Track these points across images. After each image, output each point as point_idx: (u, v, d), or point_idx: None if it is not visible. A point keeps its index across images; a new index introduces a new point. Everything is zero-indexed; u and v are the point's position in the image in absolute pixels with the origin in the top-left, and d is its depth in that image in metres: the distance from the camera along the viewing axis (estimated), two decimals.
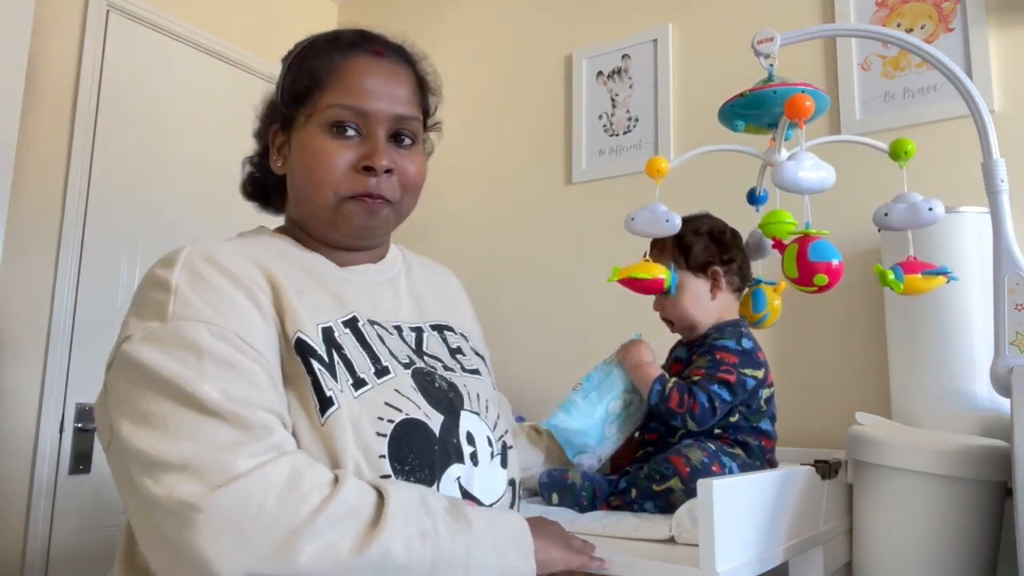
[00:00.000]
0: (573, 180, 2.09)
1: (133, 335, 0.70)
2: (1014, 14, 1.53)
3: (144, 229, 2.06)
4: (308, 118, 0.83)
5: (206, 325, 0.69)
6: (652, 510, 1.10)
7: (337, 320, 0.79)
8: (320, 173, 0.81)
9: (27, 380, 1.82)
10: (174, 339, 0.68)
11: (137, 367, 0.68)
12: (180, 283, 0.71)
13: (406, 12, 2.56)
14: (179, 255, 0.74)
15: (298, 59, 0.88)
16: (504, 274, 2.17)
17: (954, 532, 1.08)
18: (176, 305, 0.70)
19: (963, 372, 1.28)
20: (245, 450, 0.64)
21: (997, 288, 0.98)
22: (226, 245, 0.78)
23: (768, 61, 1.01)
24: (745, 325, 1.23)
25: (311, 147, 0.82)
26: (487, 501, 0.80)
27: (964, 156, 1.48)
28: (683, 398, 1.12)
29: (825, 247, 0.83)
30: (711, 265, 1.20)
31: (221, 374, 0.67)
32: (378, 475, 0.71)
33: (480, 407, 0.85)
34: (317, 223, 0.86)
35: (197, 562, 0.60)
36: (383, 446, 0.72)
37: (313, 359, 0.73)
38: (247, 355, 0.69)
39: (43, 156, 1.88)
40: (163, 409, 0.65)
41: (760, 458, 1.16)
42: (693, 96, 1.94)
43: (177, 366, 0.66)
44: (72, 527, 1.85)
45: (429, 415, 0.77)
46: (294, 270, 0.81)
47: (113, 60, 2.04)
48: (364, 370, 0.76)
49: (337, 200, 0.82)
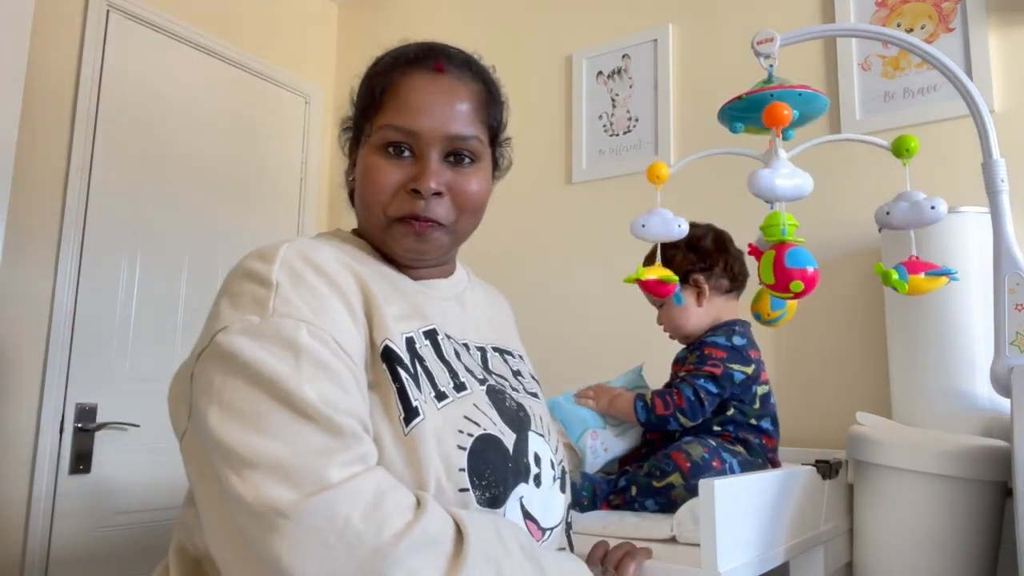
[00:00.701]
0: (573, 180, 2.09)
1: (230, 326, 0.67)
2: (1014, 14, 1.54)
3: (144, 229, 2.06)
4: (368, 137, 0.83)
5: (306, 325, 0.67)
6: (653, 508, 1.10)
7: (419, 331, 0.78)
8: (372, 193, 0.81)
9: (27, 380, 1.82)
10: (275, 336, 0.66)
11: (233, 358, 0.66)
12: (281, 280, 0.70)
13: (406, 13, 2.56)
14: (277, 251, 0.73)
15: (367, 76, 0.88)
16: (504, 274, 2.17)
17: (954, 532, 1.08)
18: (277, 301, 0.68)
19: (963, 372, 1.28)
20: (336, 458, 0.63)
21: (997, 288, 0.99)
22: (323, 246, 0.76)
23: (768, 61, 1.01)
24: (740, 325, 1.24)
25: (366, 166, 0.82)
26: (547, 524, 0.80)
27: (964, 156, 1.48)
28: (666, 400, 1.16)
29: (801, 254, 0.83)
30: (691, 273, 1.23)
31: (317, 376, 0.65)
32: (457, 488, 0.71)
33: (544, 430, 0.85)
34: (376, 242, 0.86)
35: (275, 568, 0.58)
36: (463, 459, 0.72)
37: (400, 367, 0.73)
38: (341, 359, 0.68)
39: (43, 156, 1.88)
40: (259, 406, 0.63)
41: (761, 456, 1.16)
42: (693, 96, 1.94)
43: (278, 364, 0.65)
44: (72, 527, 1.85)
45: (504, 432, 0.77)
46: (378, 277, 0.80)
47: (113, 60, 2.04)
48: (444, 383, 0.76)
49: (387, 221, 0.82)
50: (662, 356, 1.39)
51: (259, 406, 0.63)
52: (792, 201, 0.89)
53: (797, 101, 0.95)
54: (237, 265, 0.74)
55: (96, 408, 1.93)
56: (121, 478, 1.96)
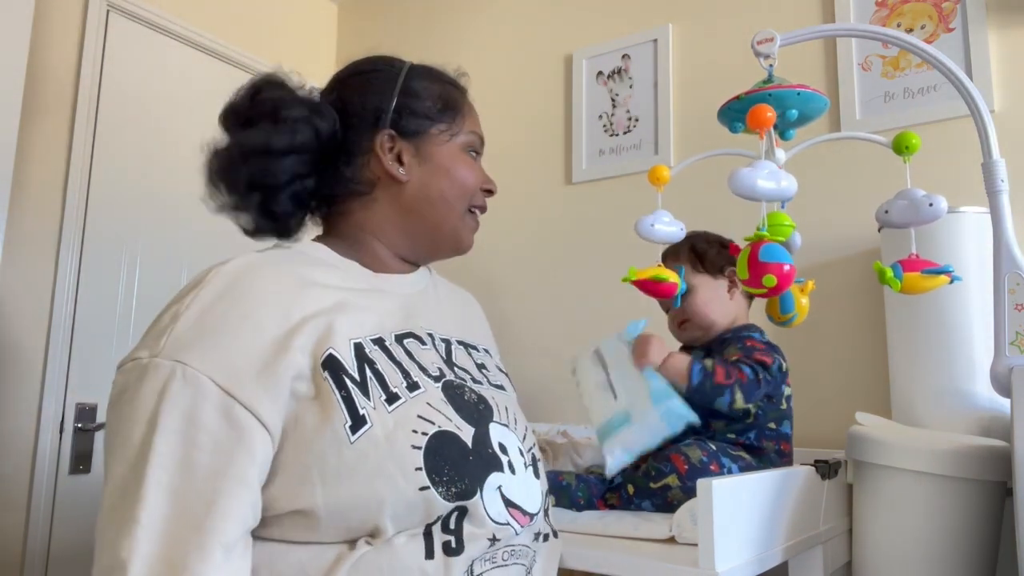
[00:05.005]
0: (573, 180, 2.09)
1: (124, 362, 0.73)
2: (1014, 14, 1.53)
3: (144, 229, 2.06)
4: (452, 136, 0.92)
5: (182, 367, 0.69)
6: (650, 508, 1.10)
7: (367, 337, 0.79)
8: (464, 186, 0.91)
9: (27, 380, 1.82)
10: (148, 391, 0.70)
11: (112, 409, 0.71)
12: (190, 309, 0.73)
13: (406, 13, 2.55)
14: (206, 275, 0.76)
15: (431, 81, 0.94)
16: (504, 274, 2.17)
17: (954, 532, 1.08)
18: (171, 336, 0.71)
19: (963, 372, 1.28)
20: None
21: (997, 288, 0.98)
22: (264, 265, 0.78)
23: (768, 61, 1.01)
24: (757, 328, 1.25)
25: (459, 160, 0.92)
26: (530, 510, 0.81)
27: (964, 156, 1.48)
28: (728, 371, 1.11)
29: (776, 250, 0.83)
30: (727, 267, 1.25)
31: (166, 468, 0.66)
32: (417, 487, 0.71)
33: (509, 420, 0.85)
34: (431, 228, 0.91)
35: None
36: (419, 458, 0.72)
37: (344, 376, 0.73)
38: (216, 420, 0.69)
39: (43, 156, 1.88)
40: (116, 473, 0.68)
41: (777, 464, 1.16)
42: (693, 96, 1.94)
43: (135, 439, 0.68)
44: (72, 527, 1.85)
45: (460, 427, 0.77)
46: (337, 283, 0.82)
47: (113, 60, 2.04)
48: (397, 383, 0.77)
49: (464, 211, 0.92)
50: None
51: (116, 473, 0.67)
52: (774, 201, 0.89)
53: (796, 101, 0.95)
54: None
55: (96, 408, 1.93)
56: None
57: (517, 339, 2.08)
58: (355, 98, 0.90)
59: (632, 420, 1.11)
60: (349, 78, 0.94)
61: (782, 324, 1.23)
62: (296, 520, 0.70)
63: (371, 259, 0.89)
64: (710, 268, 1.25)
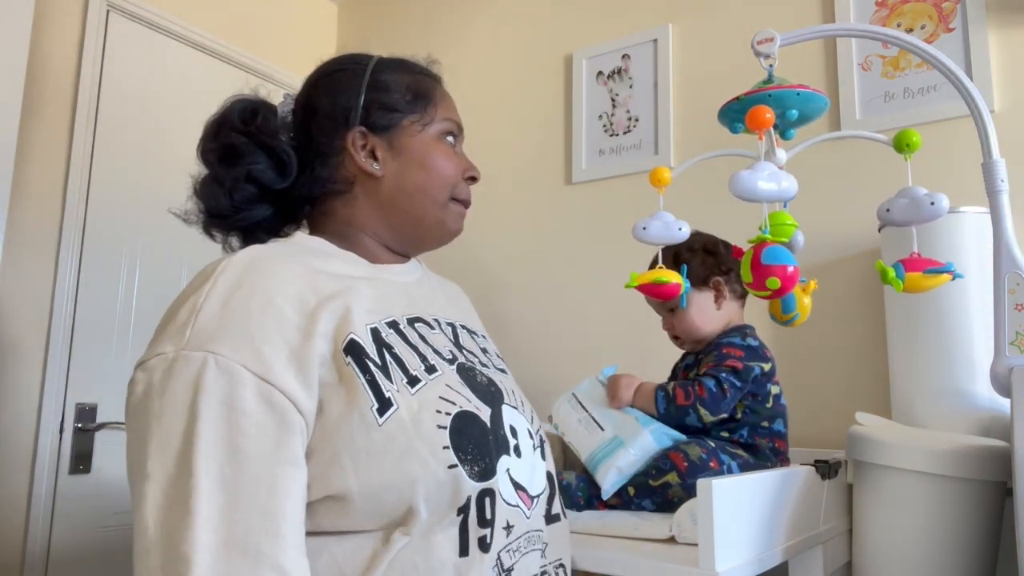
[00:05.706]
0: (573, 180, 2.09)
1: (146, 359, 0.73)
2: (1014, 14, 1.53)
3: (144, 229, 2.06)
4: (425, 126, 0.91)
5: (214, 357, 0.69)
6: (650, 508, 1.10)
7: (381, 322, 0.80)
8: (442, 176, 0.90)
9: (27, 380, 1.82)
10: (178, 388, 0.70)
11: (134, 414, 0.74)
12: (210, 300, 0.73)
13: (405, 14, 2.55)
14: (216, 267, 0.76)
15: (399, 72, 0.93)
16: (504, 274, 2.17)
17: (954, 532, 1.08)
18: (196, 327, 0.71)
19: (963, 372, 1.28)
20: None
21: (997, 288, 0.98)
22: (274, 255, 0.79)
23: (768, 61, 1.01)
24: (750, 328, 1.25)
25: (434, 149, 0.90)
26: (534, 492, 0.82)
27: (964, 156, 1.48)
28: (687, 391, 1.14)
29: (779, 252, 0.82)
30: (711, 276, 1.24)
31: (213, 459, 0.66)
32: (446, 466, 0.71)
33: (517, 402, 0.86)
34: (414, 220, 0.90)
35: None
36: (445, 437, 0.73)
37: (367, 360, 0.73)
38: (259, 406, 0.69)
39: (43, 156, 1.88)
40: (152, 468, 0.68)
41: (772, 460, 1.16)
42: (693, 96, 1.94)
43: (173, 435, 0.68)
44: (72, 527, 1.85)
45: (479, 407, 0.78)
46: (343, 272, 0.83)
47: (113, 60, 2.04)
48: (416, 367, 0.77)
49: (446, 201, 0.91)
50: (662, 357, 1.39)
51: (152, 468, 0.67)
52: (774, 202, 0.89)
53: (796, 101, 0.95)
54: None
55: (96, 408, 1.93)
56: (121, 478, 1.96)
57: (516, 339, 2.08)
58: (324, 99, 0.90)
59: (625, 444, 1.15)
60: (317, 80, 0.94)
61: (784, 324, 1.23)
62: (330, 506, 0.69)
63: (364, 251, 0.90)
64: (694, 280, 1.24)
